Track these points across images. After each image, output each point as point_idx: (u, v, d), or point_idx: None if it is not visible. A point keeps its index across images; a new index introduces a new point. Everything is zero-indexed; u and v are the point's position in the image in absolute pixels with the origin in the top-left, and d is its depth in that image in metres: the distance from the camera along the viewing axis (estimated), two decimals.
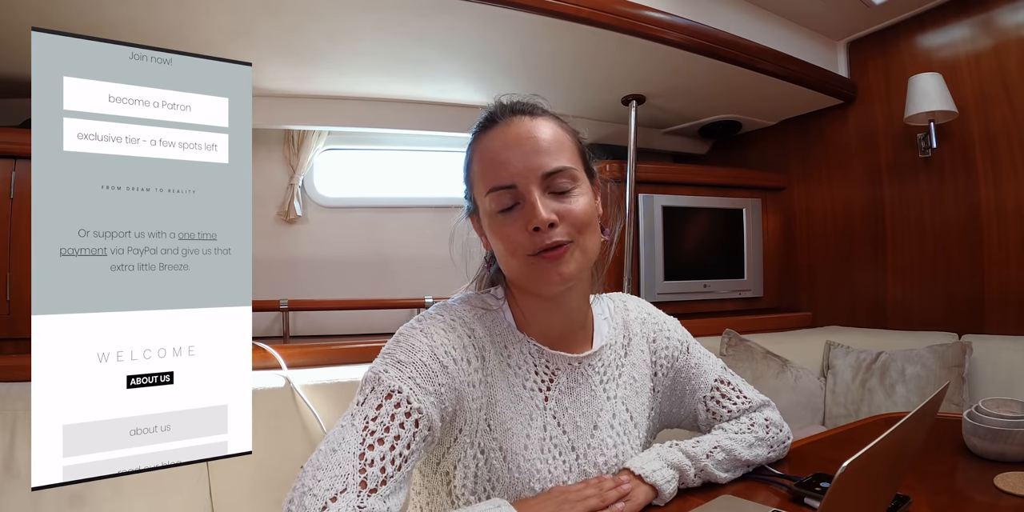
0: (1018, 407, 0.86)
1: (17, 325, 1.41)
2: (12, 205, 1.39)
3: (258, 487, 1.14)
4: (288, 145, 2.33)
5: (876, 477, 0.42)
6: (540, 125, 0.68)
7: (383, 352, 0.66)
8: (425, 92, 2.04)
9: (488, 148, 0.68)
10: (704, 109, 2.34)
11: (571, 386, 0.73)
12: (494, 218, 0.67)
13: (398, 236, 2.46)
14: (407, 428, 0.59)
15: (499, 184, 0.65)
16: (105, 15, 1.34)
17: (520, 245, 0.65)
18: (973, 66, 1.84)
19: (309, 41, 1.60)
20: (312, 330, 2.33)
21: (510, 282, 0.74)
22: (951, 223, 1.93)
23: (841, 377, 1.79)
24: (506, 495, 0.67)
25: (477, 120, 0.72)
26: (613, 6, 1.52)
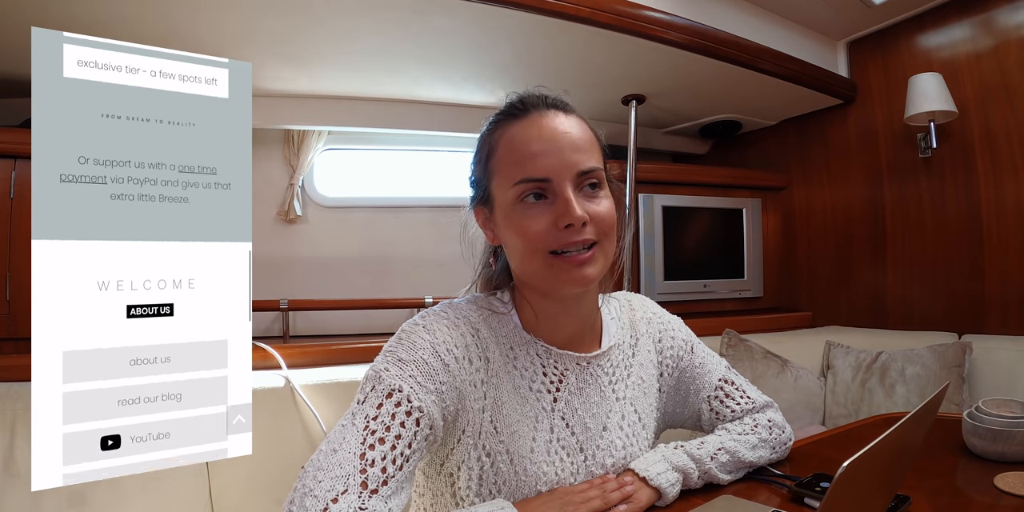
0: (1018, 407, 0.86)
1: (17, 325, 1.41)
2: (12, 205, 1.39)
3: (258, 487, 1.14)
4: (288, 145, 2.33)
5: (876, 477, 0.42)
6: (574, 123, 0.66)
7: (385, 350, 0.65)
8: (425, 92, 2.04)
9: (520, 137, 0.65)
10: (704, 109, 2.34)
11: (581, 387, 0.73)
12: (516, 210, 0.64)
13: (398, 236, 2.46)
14: (408, 427, 0.59)
15: (532, 176, 0.63)
16: (105, 15, 1.33)
17: (543, 241, 0.63)
18: (973, 66, 1.84)
19: (309, 41, 1.59)
20: (312, 330, 2.32)
21: (519, 282, 0.72)
22: (951, 223, 1.93)
23: (841, 377, 1.79)
24: (511, 497, 0.66)
25: (503, 106, 0.69)
26: (613, 6, 1.52)
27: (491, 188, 0.68)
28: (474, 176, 0.71)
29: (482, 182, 0.70)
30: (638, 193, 2.13)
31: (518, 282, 0.73)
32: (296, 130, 2.28)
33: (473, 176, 0.72)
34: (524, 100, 0.68)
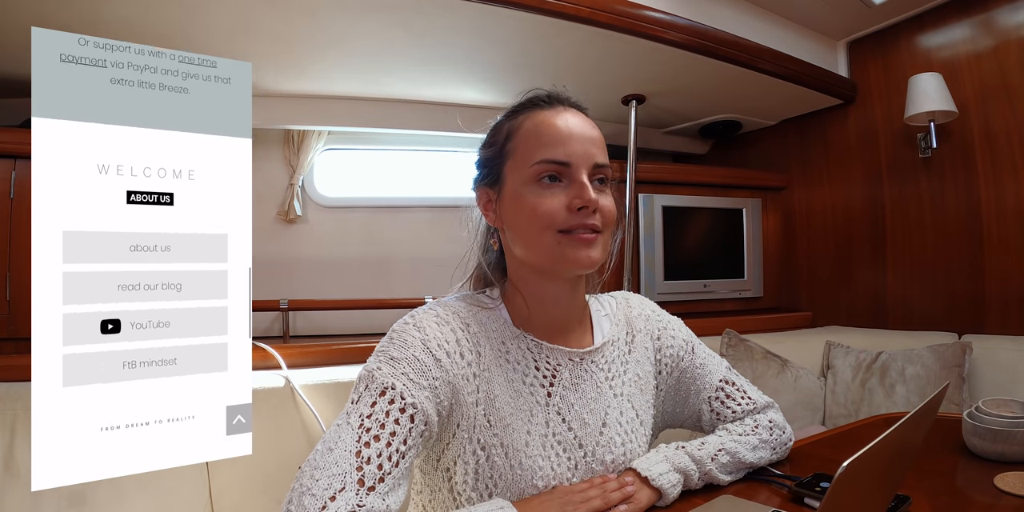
0: (1018, 407, 0.86)
1: (17, 325, 1.41)
2: (12, 205, 1.39)
3: (258, 487, 1.14)
4: (288, 145, 2.33)
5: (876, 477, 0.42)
6: (592, 125, 0.72)
7: (377, 349, 0.66)
8: (425, 92, 2.04)
9: (548, 123, 0.69)
10: (704, 109, 2.34)
11: (575, 382, 0.73)
12: (530, 188, 0.67)
13: (398, 236, 2.46)
14: (403, 424, 0.59)
15: (555, 158, 0.67)
16: (105, 15, 1.33)
17: (555, 219, 0.66)
18: (973, 66, 1.84)
19: (309, 41, 1.59)
20: (312, 330, 2.32)
21: (516, 266, 0.73)
22: (951, 223, 1.93)
23: (841, 377, 1.79)
24: (508, 492, 0.67)
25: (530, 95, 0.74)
26: (613, 6, 1.52)
27: (504, 169, 0.71)
28: (484, 157, 0.75)
29: (493, 163, 0.73)
30: (638, 193, 2.13)
31: (513, 272, 0.74)
32: (296, 130, 2.28)
33: (483, 157, 0.75)
34: (551, 95, 0.73)
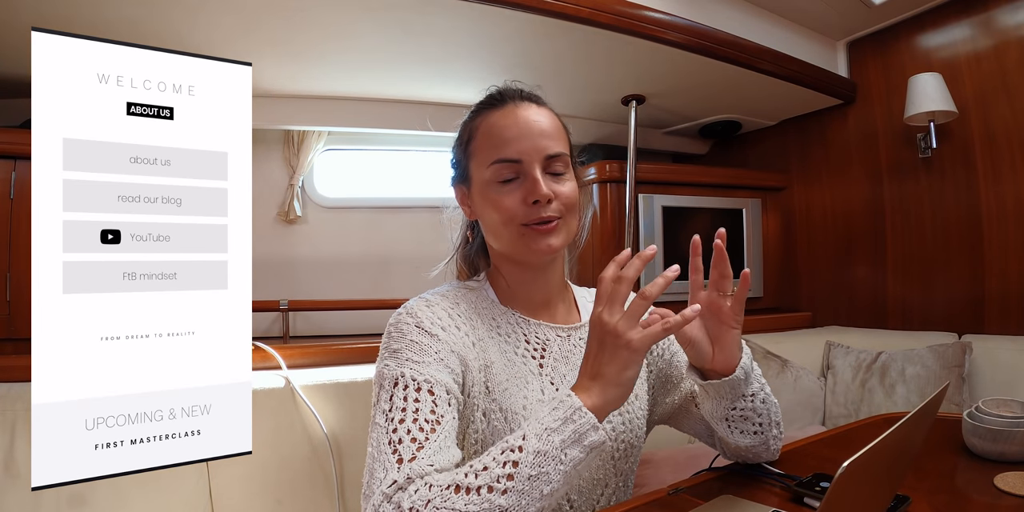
0: (1018, 407, 0.86)
1: (17, 325, 1.41)
2: (12, 205, 1.39)
3: (258, 487, 1.13)
4: (288, 145, 2.33)
5: (876, 477, 0.42)
6: (545, 114, 0.74)
7: (380, 348, 0.69)
8: (425, 92, 2.04)
9: (498, 124, 0.72)
10: (704, 109, 2.34)
11: (565, 355, 0.76)
12: (491, 188, 0.71)
13: (397, 236, 2.46)
14: (423, 401, 0.61)
15: (505, 157, 0.70)
16: (105, 15, 1.34)
17: (515, 215, 0.70)
18: (973, 66, 1.84)
19: (309, 41, 1.60)
20: (312, 330, 2.33)
21: (494, 253, 0.78)
22: (951, 223, 1.93)
23: (841, 377, 1.79)
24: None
25: (484, 97, 0.77)
26: (613, 6, 1.52)
27: (470, 168, 0.75)
28: (455, 158, 0.79)
29: (462, 163, 0.77)
30: (638, 193, 2.13)
31: (493, 255, 0.79)
32: (296, 130, 2.28)
33: (454, 158, 0.79)
34: (502, 92, 0.76)
